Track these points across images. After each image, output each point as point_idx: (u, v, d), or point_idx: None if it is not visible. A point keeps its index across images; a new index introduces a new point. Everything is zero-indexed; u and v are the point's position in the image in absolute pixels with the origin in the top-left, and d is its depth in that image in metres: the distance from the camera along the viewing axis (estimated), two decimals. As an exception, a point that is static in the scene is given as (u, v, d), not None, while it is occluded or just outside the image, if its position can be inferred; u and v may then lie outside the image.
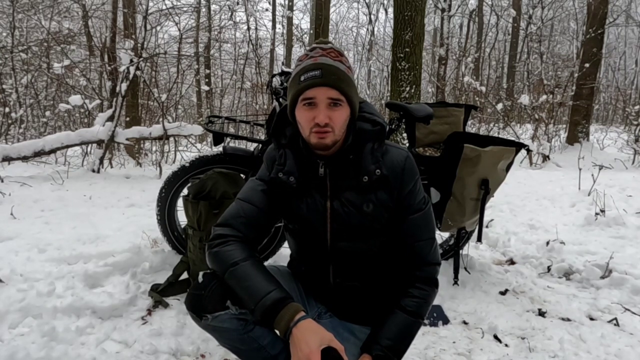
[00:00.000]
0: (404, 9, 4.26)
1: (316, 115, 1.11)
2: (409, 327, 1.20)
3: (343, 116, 1.14)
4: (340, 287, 1.29)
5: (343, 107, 1.13)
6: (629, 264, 2.48)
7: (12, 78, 7.48)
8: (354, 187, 1.19)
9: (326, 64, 1.11)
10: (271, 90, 2.35)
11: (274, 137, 1.27)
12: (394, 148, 1.23)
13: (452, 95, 10.66)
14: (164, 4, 9.33)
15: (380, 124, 1.21)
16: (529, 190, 4.58)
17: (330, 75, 1.10)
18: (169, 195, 2.35)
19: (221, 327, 1.20)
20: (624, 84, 19.48)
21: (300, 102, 1.13)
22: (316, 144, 1.14)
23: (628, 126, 9.83)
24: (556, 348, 1.77)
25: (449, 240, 2.69)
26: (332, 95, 1.11)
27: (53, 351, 1.58)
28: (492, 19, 16.57)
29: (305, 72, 1.11)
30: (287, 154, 1.24)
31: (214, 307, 1.17)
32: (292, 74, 1.17)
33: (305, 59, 1.15)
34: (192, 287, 1.24)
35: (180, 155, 6.66)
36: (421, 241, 1.23)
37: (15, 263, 2.21)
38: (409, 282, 1.23)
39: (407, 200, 1.21)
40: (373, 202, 1.19)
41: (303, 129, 1.16)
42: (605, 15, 8.38)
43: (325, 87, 1.10)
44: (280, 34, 14.31)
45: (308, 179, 1.22)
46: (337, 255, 1.25)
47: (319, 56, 1.13)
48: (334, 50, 1.15)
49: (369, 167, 1.18)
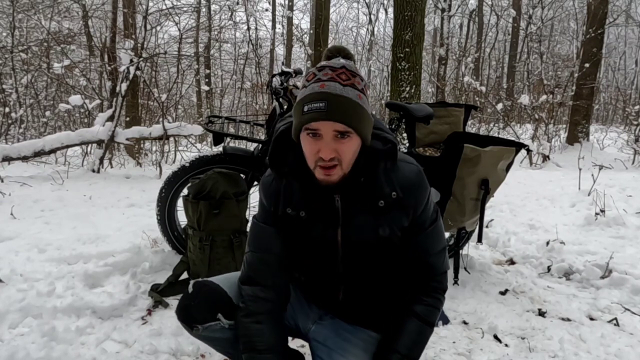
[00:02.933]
0: (404, 9, 4.26)
1: (321, 149, 1.00)
2: (423, 334, 1.18)
3: (352, 148, 1.03)
4: (349, 302, 1.26)
5: (352, 138, 1.01)
6: (629, 264, 2.48)
7: (12, 78, 7.47)
8: (368, 211, 1.12)
9: (332, 94, 0.97)
10: (271, 90, 2.35)
11: (272, 167, 1.15)
12: (404, 163, 1.15)
13: (452, 95, 10.65)
14: (164, 4, 9.38)
15: (392, 142, 1.10)
16: (529, 190, 4.58)
17: (336, 109, 0.97)
18: (169, 195, 2.35)
19: (213, 337, 1.20)
20: (624, 84, 19.47)
21: (304, 130, 1.02)
22: (322, 180, 1.06)
23: (628, 126, 9.84)
24: (556, 348, 1.77)
25: (449, 240, 2.69)
26: (338, 129, 0.99)
27: (53, 351, 1.58)
28: (492, 19, 16.56)
29: (309, 101, 0.99)
30: (292, 184, 1.15)
31: (203, 317, 1.16)
32: (297, 97, 1.04)
33: (312, 79, 1.02)
34: (182, 297, 1.22)
35: (180, 155, 6.66)
36: (434, 254, 1.19)
37: (15, 263, 2.21)
38: (420, 290, 1.20)
39: (422, 217, 1.16)
40: (389, 224, 1.12)
41: (308, 159, 1.05)
42: (605, 15, 8.38)
43: (330, 121, 0.98)
44: (280, 34, 14.30)
45: (318, 209, 1.14)
46: (348, 279, 1.22)
47: (326, 80, 0.99)
48: (346, 71, 1.01)
49: (384, 189, 1.11)
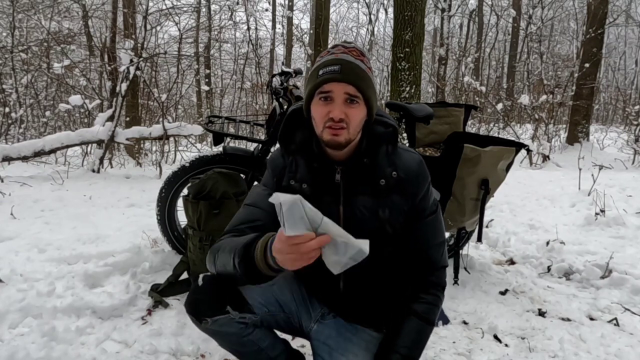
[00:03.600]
0: (404, 9, 4.26)
1: (331, 110, 1.09)
2: (423, 333, 1.19)
3: (359, 115, 1.11)
4: (350, 292, 1.27)
5: (360, 105, 1.11)
6: (629, 264, 2.48)
7: (12, 78, 7.48)
8: (370, 192, 1.17)
9: (346, 60, 1.09)
10: (271, 90, 2.35)
11: (282, 143, 1.23)
12: (406, 151, 1.22)
13: (452, 95, 10.65)
14: (164, 4, 9.38)
15: (393, 126, 1.19)
16: (529, 190, 4.58)
17: (349, 72, 1.08)
18: (169, 195, 2.35)
19: (221, 331, 1.20)
20: (624, 84, 19.47)
21: (317, 95, 1.11)
22: (329, 140, 1.11)
23: (628, 126, 9.84)
24: (556, 348, 1.77)
25: (449, 240, 2.69)
26: (349, 91, 1.08)
27: (53, 351, 1.58)
28: (492, 19, 16.57)
29: (324, 66, 1.10)
30: (298, 160, 1.21)
31: (213, 311, 1.17)
32: (311, 69, 1.16)
33: (326, 54, 1.14)
34: (191, 290, 1.23)
35: (180, 155, 6.66)
36: (433, 246, 1.22)
37: (15, 263, 2.21)
38: (419, 286, 1.22)
39: (421, 204, 1.20)
40: (389, 206, 1.17)
41: (317, 125, 1.13)
42: (605, 15, 8.38)
43: (343, 82, 1.08)
44: (280, 34, 14.30)
45: (321, 185, 1.19)
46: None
47: (340, 53, 1.11)
48: (357, 49, 1.14)
49: (386, 170, 1.17)
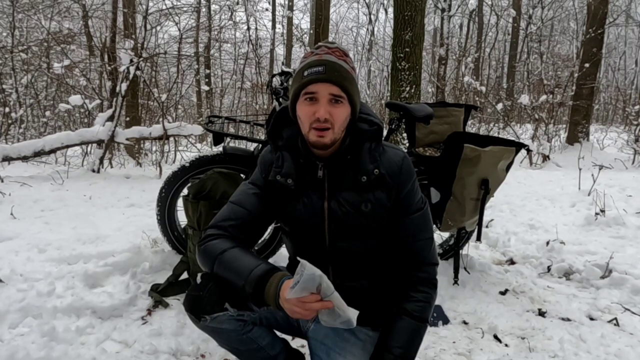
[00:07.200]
0: (404, 9, 4.26)
1: (317, 110, 1.12)
2: (417, 332, 1.20)
3: (344, 114, 1.14)
4: (340, 288, 1.28)
5: (344, 104, 1.14)
6: (629, 264, 2.48)
7: (12, 78, 7.48)
8: (352, 187, 1.20)
9: (330, 61, 1.12)
10: (271, 90, 2.35)
11: (270, 139, 1.27)
12: (390, 148, 1.24)
13: (452, 95, 10.65)
14: (164, 4, 9.35)
15: (377, 124, 1.22)
16: (529, 190, 4.58)
17: (333, 72, 1.11)
18: (169, 195, 2.35)
19: (220, 328, 1.21)
20: (624, 84, 19.45)
21: (302, 96, 1.14)
22: (315, 142, 1.14)
23: (628, 126, 9.83)
24: (556, 348, 1.77)
25: (449, 240, 2.69)
26: (333, 92, 1.11)
27: (53, 351, 1.58)
28: (492, 19, 16.57)
29: (309, 67, 1.13)
30: (284, 156, 1.24)
31: (212, 308, 1.17)
32: (296, 70, 1.18)
33: (310, 55, 1.17)
34: (190, 288, 1.24)
35: (180, 155, 6.65)
36: (420, 241, 1.23)
37: (15, 263, 2.21)
38: (410, 284, 1.23)
39: (406, 200, 1.22)
40: (371, 201, 1.19)
41: (303, 125, 1.16)
42: (605, 15, 8.38)
43: (327, 83, 1.11)
44: (280, 34, 14.29)
45: (306, 180, 1.22)
46: (336, 256, 1.25)
47: (324, 54, 1.14)
48: (340, 50, 1.17)
49: (368, 166, 1.19)
